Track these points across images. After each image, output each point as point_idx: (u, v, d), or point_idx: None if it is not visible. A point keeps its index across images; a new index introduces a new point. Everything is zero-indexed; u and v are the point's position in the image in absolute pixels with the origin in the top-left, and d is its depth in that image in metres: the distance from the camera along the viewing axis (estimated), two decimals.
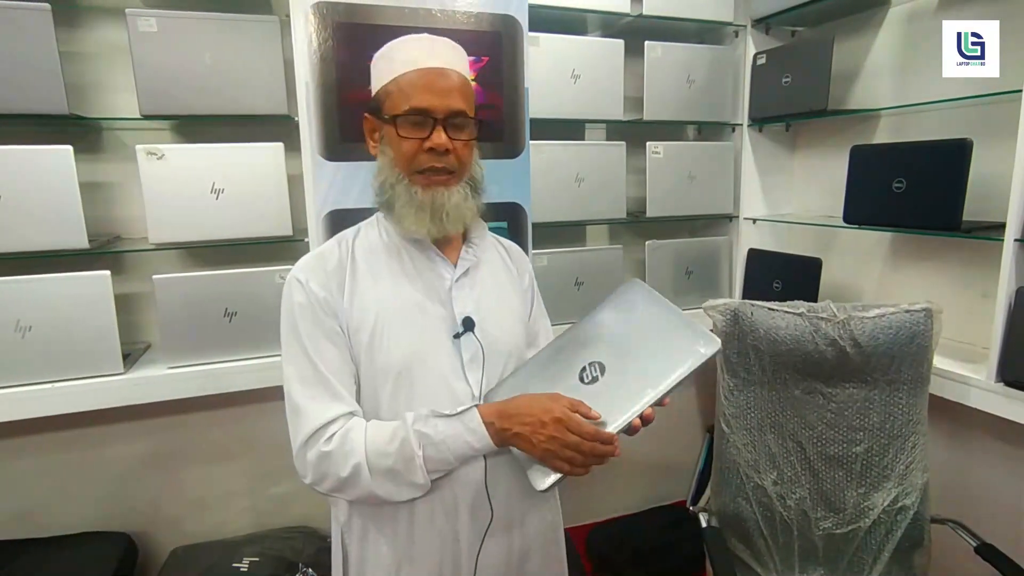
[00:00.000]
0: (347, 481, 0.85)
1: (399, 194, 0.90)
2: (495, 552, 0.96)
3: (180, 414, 1.67)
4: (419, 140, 0.88)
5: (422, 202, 0.89)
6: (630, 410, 0.85)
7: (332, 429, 0.86)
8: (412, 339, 0.91)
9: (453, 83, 0.89)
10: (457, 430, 0.86)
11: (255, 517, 1.80)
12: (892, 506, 1.40)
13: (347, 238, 0.98)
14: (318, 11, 1.34)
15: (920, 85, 1.64)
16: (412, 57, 0.89)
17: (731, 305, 1.48)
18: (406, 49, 0.91)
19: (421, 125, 0.88)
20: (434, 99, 0.87)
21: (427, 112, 0.87)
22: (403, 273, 0.94)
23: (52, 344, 1.37)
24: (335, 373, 0.89)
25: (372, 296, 0.92)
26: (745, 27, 1.93)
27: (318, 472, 0.87)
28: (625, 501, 2.24)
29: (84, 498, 1.65)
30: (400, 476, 0.85)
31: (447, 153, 0.89)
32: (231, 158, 1.47)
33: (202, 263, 1.65)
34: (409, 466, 0.85)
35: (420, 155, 0.89)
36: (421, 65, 0.88)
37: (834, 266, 1.88)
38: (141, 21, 1.38)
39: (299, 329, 0.90)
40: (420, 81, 0.88)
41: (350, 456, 0.84)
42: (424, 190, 0.90)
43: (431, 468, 0.86)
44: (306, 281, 0.91)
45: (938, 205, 1.40)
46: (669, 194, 1.92)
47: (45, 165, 1.34)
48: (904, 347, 1.38)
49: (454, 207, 0.90)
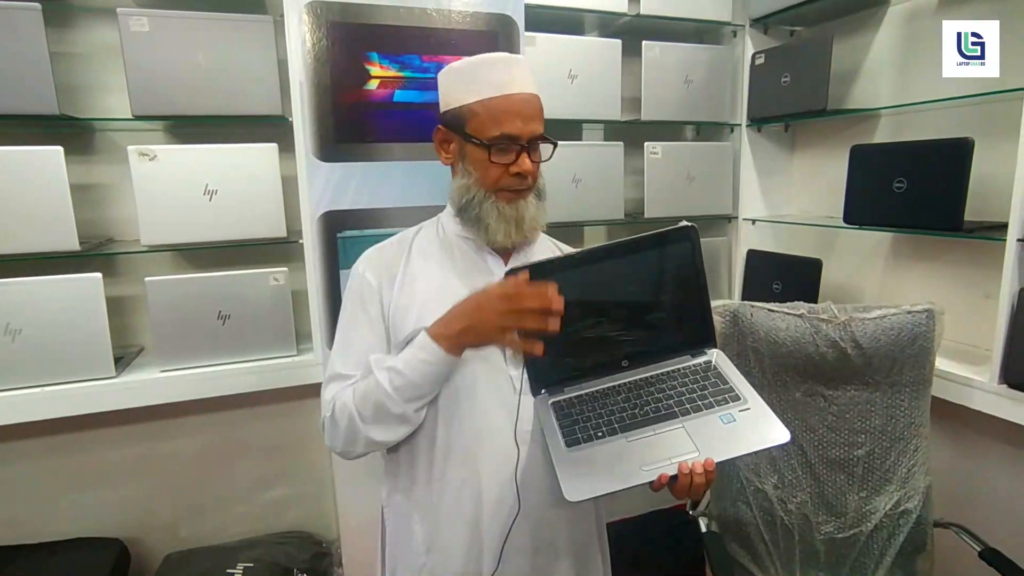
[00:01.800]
0: (348, 434, 0.92)
1: (487, 210, 0.97)
2: (521, 547, 0.97)
3: (173, 418, 1.66)
4: (507, 164, 0.95)
5: (509, 216, 0.97)
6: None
7: (334, 399, 0.95)
8: None
9: (536, 109, 0.96)
10: (412, 352, 0.90)
11: (250, 522, 1.78)
12: (894, 510, 1.39)
13: (409, 235, 1.06)
14: (312, 11, 1.33)
15: (920, 84, 1.63)
16: (500, 81, 0.95)
17: (731, 306, 1.47)
18: (493, 72, 0.96)
19: (509, 151, 0.95)
20: (523, 126, 0.94)
21: (516, 139, 0.94)
22: (452, 268, 1.01)
23: (43, 347, 1.36)
24: (355, 356, 0.97)
25: (420, 287, 0.98)
26: (743, 27, 1.92)
27: (330, 438, 0.96)
28: (624, 505, 2.22)
29: (76, 503, 1.63)
30: (385, 413, 0.90)
31: (528, 175, 0.97)
32: (224, 159, 1.45)
33: (195, 265, 1.63)
34: (386, 399, 0.90)
35: (505, 178, 0.96)
36: (508, 91, 0.94)
37: (834, 267, 1.87)
38: (133, 21, 1.36)
39: (345, 312, 1.01)
40: (511, 108, 0.94)
41: (344, 411, 0.92)
42: (508, 204, 0.97)
43: (406, 396, 0.90)
44: (363, 271, 1.00)
45: (939, 205, 1.38)
46: (667, 195, 1.90)
47: (35, 166, 1.32)
48: (906, 349, 1.36)
49: (531, 218, 0.99)
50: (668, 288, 0.95)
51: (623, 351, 0.95)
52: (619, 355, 0.95)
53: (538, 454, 0.96)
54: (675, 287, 0.95)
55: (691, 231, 0.92)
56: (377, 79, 1.41)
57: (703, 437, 0.85)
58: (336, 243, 1.45)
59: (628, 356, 0.95)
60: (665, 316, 0.95)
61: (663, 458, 0.83)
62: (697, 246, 0.93)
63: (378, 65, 1.41)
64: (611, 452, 0.86)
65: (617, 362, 0.95)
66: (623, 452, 0.86)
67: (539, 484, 0.96)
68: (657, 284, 0.95)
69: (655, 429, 0.87)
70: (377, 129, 1.44)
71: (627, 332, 0.95)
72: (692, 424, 0.87)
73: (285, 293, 1.52)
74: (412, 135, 1.46)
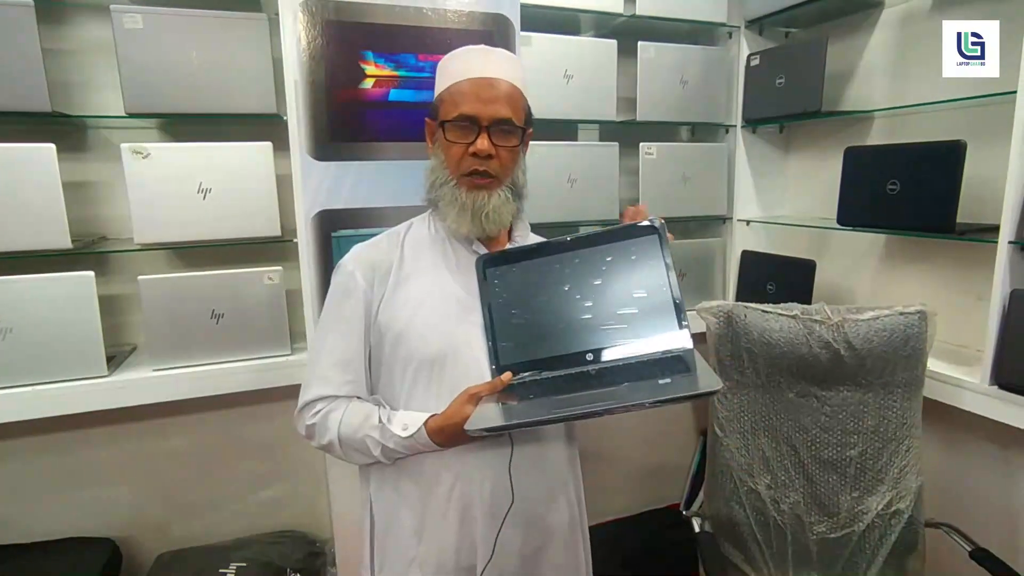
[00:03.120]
0: (325, 448, 0.99)
1: (444, 194, 0.98)
2: (513, 539, 0.98)
3: (165, 417, 1.65)
4: (464, 144, 0.95)
5: (464, 203, 0.96)
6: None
7: (316, 407, 0.98)
8: (448, 329, 0.97)
9: (501, 92, 0.95)
10: (411, 443, 0.95)
11: (243, 522, 1.77)
12: (886, 510, 1.39)
13: (400, 231, 1.05)
14: (307, 9, 1.33)
15: (913, 87, 1.64)
16: (466, 67, 0.97)
17: (725, 307, 1.47)
18: (462, 59, 0.99)
19: (468, 131, 0.95)
20: (481, 107, 0.94)
21: (473, 119, 0.94)
22: (445, 267, 1.01)
23: (34, 346, 1.35)
24: (336, 359, 0.99)
25: (414, 287, 0.98)
26: (739, 28, 1.92)
27: (307, 435, 1.01)
28: (618, 504, 2.23)
29: (67, 503, 1.62)
30: (367, 456, 0.97)
31: (490, 158, 0.95)
32: (218, 157, 1.44)
33: (188, 264, 1.63)
34: (371, 456, 0.97)
35: (465, 159, 0.95)
36: (473, 75, 0.95)
37: (828, 268, 1.88)
38: (126, 18, 1.35)
39: (327, 311, 1.02)
40: (470, 90, 0.95)
41: (326, 433, 0.97)
42: (467, 192, 0.97)
43: (390, 458, 0.98)
44: (352, 269, 0.99)
45: (932, 207, 1.39)
46: (662, 195, 1.90)
47: (27, 163, 1.31)
48: (898, 350, 1.37)
49: (494, 209, 0.97)
50: (635, 283, 0.96)
51: (588, 343, 0.96)
52: (584, 347, 0.96)
53: (530, 445, 0.98)
54: (643, 283, 0.96)
55: (657, 224, 0.95)
56: (372, 78, 1.41)
57: (630, 390, 0.86)
58: (331, 242, 1.44)
59: (593, 350, 0.96)
60: (633, 312, 0.96)
61: (579, 404, 0.85)
62: (664, 239, 0.95)
63: (373, 64, 1.40)
64: (532, 403, 0.89)
65: (581, 356, 0.96)
66: (543, 403, 0.89)
67: (531, 474, 0.98)
68: (623, 279, 0.97)
69: (589, 392, 0.89)
70: (372, 128, 1.44)
71: (591, 324, 0.96)
72: (627, 387, 0.88)
73: (279, 292, 1.51)
74: (407, 134, 1.46)
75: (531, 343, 0.97)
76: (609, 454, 2.20)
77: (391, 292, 0.98)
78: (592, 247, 0.99)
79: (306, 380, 1.01)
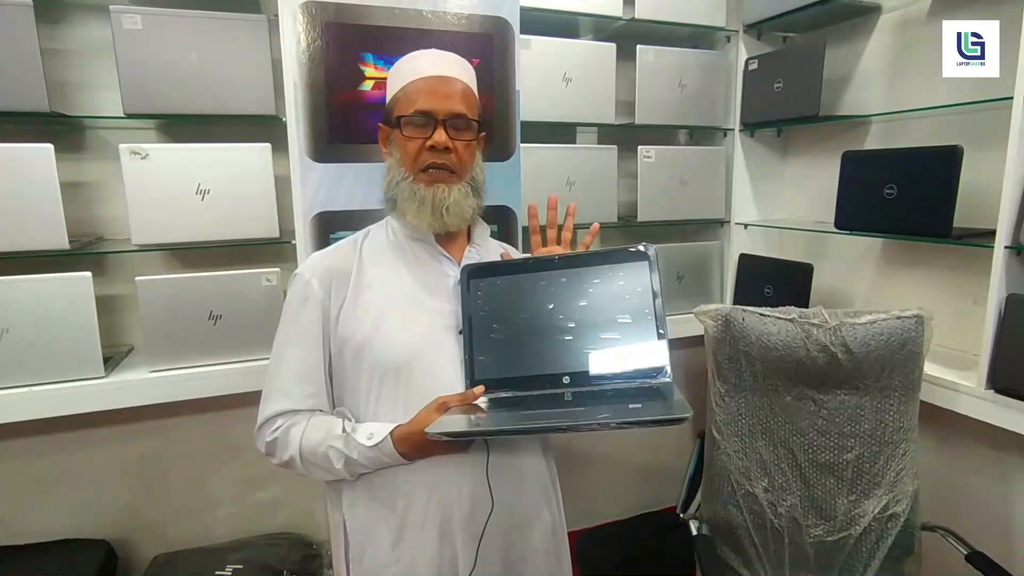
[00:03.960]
0: (285, 464, 0.96)
1: (403, 190, 0.96)
2: (495, 547, 0.96)
3: (163, 418, 1.64)
4: (422, 139, 0.94)
5: (424, 197, 0.95)
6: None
7: (276, 423, 0.95)
8: (413, 335, 0.95)
9: (455, 89, 0.96)
10: (375, 454, 0.92)
11: (239, 524, 1.77)
12: (883, 513, 1.40)
13: (358, 238, 1.03)
14: (307, 10, 1.32)
15: (911, 92, 1.65)
16: (419, 67, 0.97)
17: (722, 311, 1.47)
18: (415, 60, 0.99)
19: (424, 126, 0.94)
20: (436, 102, 0.94)
21: (429, 114, 0.94)
22: (407, 271, 0.99)
23: (31, 347, 1.34)
24: (296, 372, 0.96)
25: (376, 293, 0.96)
26: (737, 32, 1.93)
27: (267, 451, 0.98)
28: (615, 507, 2.23)
29: (62, 504, 1.61)
30: (330, 471, 0.94)
31: (448, 152, 0.94)
32: (217, 158, 1.44)
33: (186, 265, 1.62)
34: (334, 466, 0.93)
35: (423, 153, 0.95)
36: (427, 73, 0.96)
37: (825, 272, 1.88)
38: (126, 18, 1.35)
39: (284, 323, 0.98)
40: (425, 87, 0.95)
41: (287, 448, 0.94)
42: (427, 187, 0.95)
43: (353, 472, 0.94)
44: (309, 278, 0.96)
45: (929, 211, 1.40)
46: (660, 198, 1.91)
47: (25, 164, 1.31)
48: (895, 354, 1.37)
49: (454, 203, 0.95)
50: (620, 309, 0.93)
51: (567, 365, 0.93)
52: (562, 370, 0.93)
53: (507, 454, 0.96)
54: (628, 309, 0.93)
55: (648, 251, 0.93)
56: (371, 80, 1.41)
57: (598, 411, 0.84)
58: (329, 244, 1.43)
59: (571, 373, 0.93)
60: (616, 337, 0.93)
61: (542, 418, 0.84)
62: (655, 268, 0.93)
63: (372, 66, 1.40)
64: (499, 415, 0.88)
65: (559, 377, 0.93)
66: (511, 417, 0.87)
67: (510, 482, 0.97)
68: (608, 303, 0.94)
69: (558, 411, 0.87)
70: (371, 130, 1.42)
71: (571, 347, 0.93)
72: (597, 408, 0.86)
73: (277, 294, 1.51)
74: None
75: (509, 360, 0.94)
76: (606, 457, 2.20)
77: (351, 300, 0.95)
78: (580, 267, 0.96)
79: (264, 395, 0.97)
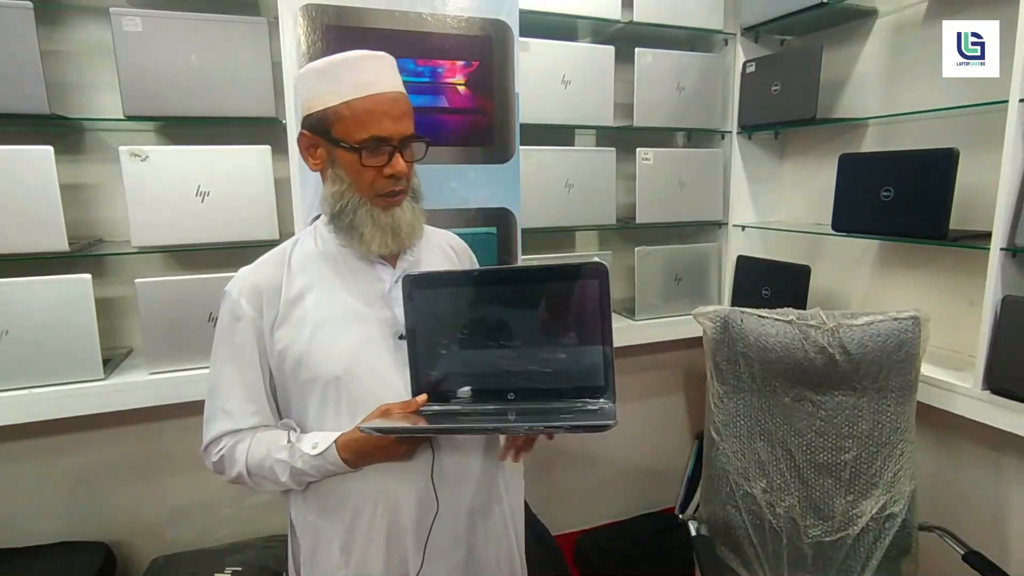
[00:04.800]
0: (235, 480, 0.95)
1: (362, 218, 0.93)
2: (443, 544, 0.97)
3: (162, 420, 1.64)
4: (380, 167, 0.91)
5: (385, 225, 0.93)
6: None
7: (221, 443, 0.94)
8: (350, 345, 0.93)
9: (405, 108, 0.92)
10: (320, 463, 0.91)
11: (237, 526, 1.77)
12: (880, 513, 1.40)
13: (286, 249, 1.00)
14: (307, 13, 1.33)
15: (907, 95, 1.66)
16: (364, 80, 0.90)
17: (721, 312, 1.48)
18: (355, 71, 0.90)
19: (380, 153, 0.90)
20: (393, 127, 0.90)
21: (386, 140, 0.90)
22: (340, 281, 0.96)
23: (30, 349, 1.34)
24: (235, 391, 0.94)
25: (308, 306, 0.94)
26: (735, 35, 1.94)
27: (215, 470, 0.97)
28: (614, 508, 2.23)
29: (61, 507, 1.61)
30: (276, 483, 0.94)
31: (403, 176, 0.92)
32: (217, 160, 1.44)
33: (186, 267, 1.62)
34: (279, 478, 0.93)
35: (379, 180, 0.91)
36: (374, 90, 0.89)
37: (822, 273, 1.89)
38: (126, 20, 1.35)
39: (218, 343, 0.96)
40: (377, 108, 0.89)
41: (234, 466, 0.94)
42: (384, 211, 0.93)
43: (299, 482, 0.94)
44: (237, 297, 0.94)
45: (925, 214, 1.41)
46: (659, 200, 1.92)
47: (25, 165, 1.31)
48: (892, 355, 1.38)
49: (408, 224, 0.95)
50: (568, 326, 0.91)
51: (511, 383, 0.92)
52: (507, 387, 0.92)
53: (453, 455, 0.96)
54: (576, 327, 0.90)
55: (601, 268, 0.88)
56: None
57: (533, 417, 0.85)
58: None
59: (516, 390, 0.91)
60: (561, 357, 0.91)
61: (474, 422, 0.85)
62: (605, 286, 0.88)
63: None
64: (436, 420, 0.88)
65: (503, 394, 0.92)
66: (447, 420, 0.88)
67: (458, 484, 0.97)
68: (555, 320, 0.91)
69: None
70: None
71: (517, 363, 0.92)
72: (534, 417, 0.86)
73: None
74: None
75: (453, 375, 0.93)
76: (606, 458, 2.21)
77: (283, 315, 0.93)
78: (529, 282, 0.94)
79: (206, 416, 0.96)
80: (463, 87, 1.45)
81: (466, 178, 1.46)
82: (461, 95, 1.45)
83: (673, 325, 1.96)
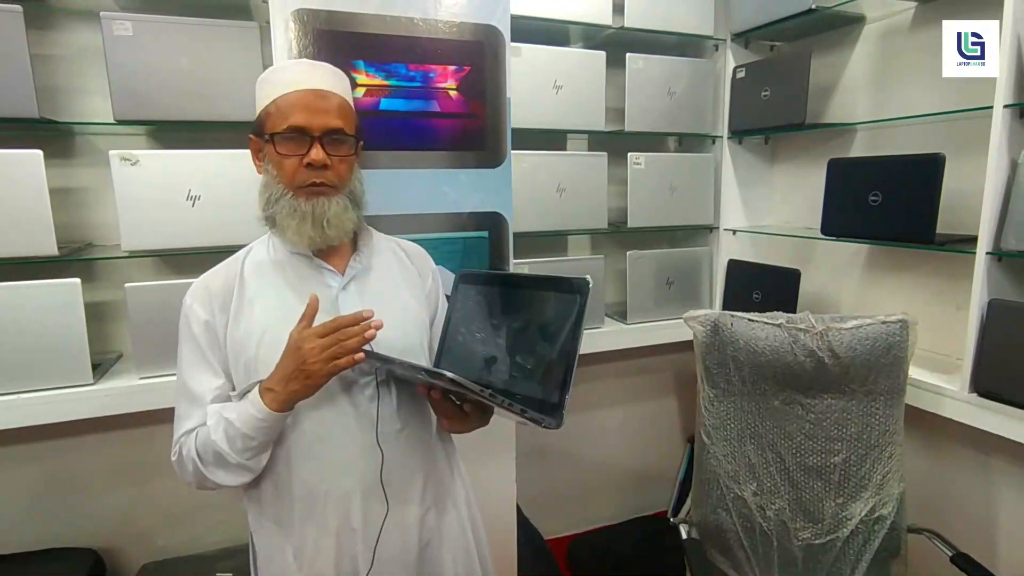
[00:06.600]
0: (196, 476, 0.93)
1: (282, 207, 0.93)
2: (394, 545, 0.98)
3: (152, 425, 1.63)
4: (298, 156, 0.91)
5: (304, 212, 0.93)
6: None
7: (177, 445, 0.95)
8: None
9: (331, 103, 0.94)
10: (244, 407, 0.89)
11: (229, 531, 1.76)
12: (869, 516, 1.41)
13: (240, 256, 1.01)
14: (298, 18, 1.33)
15: (895, 100, 1.68)
16: (291, 79, 0.93)
17: (711, 316, 1.49)
18: (286, 71, 0.96)
19: (299, 143, 0.91)
20: (311, 118, 0.91)
21: (304, 130, 0.91)
22: (288, 287, 0.97)
23: (19, 353, 1.33)
24: (195, 398, 0.94)
25: (258, 312, 0.95)
26: (725, 41, 1.96)
27: (179, 473, 0.95)
28: (606, 512, 2.23)
29: (49, 513, 1.60)
30: (224, 460, 0.90)
31: (325, 168, 0.92)
32: (207, 165, 1.44)
33: (176, 271, 1.62)
34: (222, 450, 0.89)
35: (300, 171, 0.92)
36: (300, 87, 0.93)
37: (812, 277, 1.91)
38: (116, 25, 1.35)
39: (179, 351, 0.97)
40: (299, 101, 0.92)
41: (188, 457, 0.92)
42: (306, 200, 0.93)
43: (238, 448, 0.90)
44: (191, 304, 0.96)
45: (913, 218, 1.42)
46: (650, 205, 1.93)
47: (14, 169, 1.30)
48: (881, 358, 1.40)
49: (335, 216, 0.94)
50: (542, 338, 0.91)
51: (485, 379, 0.95)
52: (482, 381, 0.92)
53: (400, 451, 0.98)
54: (550, 340, 0.90)
55: (583, 286, 0.87)
56: (363, 87, 1.41)
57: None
58: None
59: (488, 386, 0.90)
60: (528, 367, 0.91)
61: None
62: (583, 305, 0.87)
63: (364, 73, 1.41)
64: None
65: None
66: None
67: (408, 483, 0.99)
68: (535, 330, 0.93)
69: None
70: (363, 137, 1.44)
71: (497, 363, 0.96)
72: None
73: None
74: (398, 143, 1.46)
75: (456, 362, 1.00)
76: (598, 462, 2.21)
77: (234, 320, 0.95)
78: (528, 288, 0.98)
79: (177, 413, 0.97)
80: (455, 92, 1.45)
81: (458, 182, 1.46)
82: (453, 100, 1.45)
83: (664, 329, 1.97)
